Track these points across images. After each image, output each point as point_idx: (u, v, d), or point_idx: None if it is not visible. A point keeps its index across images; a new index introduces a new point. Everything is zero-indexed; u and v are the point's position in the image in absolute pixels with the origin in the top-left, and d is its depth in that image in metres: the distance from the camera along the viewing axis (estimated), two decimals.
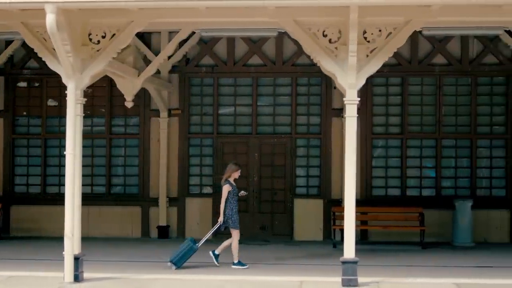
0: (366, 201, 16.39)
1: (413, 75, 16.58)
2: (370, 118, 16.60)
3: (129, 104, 14.32)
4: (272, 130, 16.85)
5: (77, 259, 10.62)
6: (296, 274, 11.58)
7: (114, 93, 16.53)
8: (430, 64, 16.52)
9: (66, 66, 10.45)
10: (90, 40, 10.75)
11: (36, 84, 17.41)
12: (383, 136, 16.68)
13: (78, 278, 10.60)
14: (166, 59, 16.49)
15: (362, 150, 16.48)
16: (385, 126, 16.70)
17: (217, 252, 12.48)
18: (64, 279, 10.52)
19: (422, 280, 11.03)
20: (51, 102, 17.26)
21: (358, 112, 16.10)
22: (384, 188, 16.67)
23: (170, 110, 16.87)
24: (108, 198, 17.10)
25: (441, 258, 13.86)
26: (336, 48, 10.44)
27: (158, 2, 9.90)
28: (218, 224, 12.49)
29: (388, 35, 10.42)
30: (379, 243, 15.99)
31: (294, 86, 16.77)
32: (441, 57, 16.52)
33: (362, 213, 16.22)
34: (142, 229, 16.95)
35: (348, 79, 10.34)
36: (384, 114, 16.69)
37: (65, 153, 10.58)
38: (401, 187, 16.58)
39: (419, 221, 15.53)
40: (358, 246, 15.38)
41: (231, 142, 16.86)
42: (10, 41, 16.44)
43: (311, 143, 16.75)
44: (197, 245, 12.32)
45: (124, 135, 17.23)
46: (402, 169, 16.57)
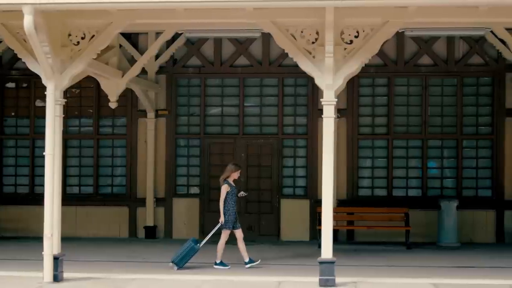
0: (353, 201, 16.47)
1: (399, 76, 16.63)
2: (356, 118, 16.64)
3: (113, 104, 14.39)
4: (259, 131, 16.90)
5: (56, 259, 10.65)
6: (276, 274, 11.62)
7: (102, 93, 16.42)
8: (416, 64, 16.57)
9: (45, 67, 10.50)
10: (70, 41, 10.81)
11: (24, 85, 17.47)
12: (370, 136, 16.72)
13: (57, 278, 10.65)
14: (153, 60, 16.62)
15: (348, 150, 16.56)
16: (371, 126, 16.74)
17: (246, 260, 12.46)
18: (43, 279, 10.58)
19: (400, 280, 11.06)
20: (39, 103, 17.27)
21: (344, 112, 16.54)
22: (370, 188, 16.72)
23: (157, 111, 16.92)
24: (95, 198, 17.17)
25: (424, 258, 13.90)
26: (313, 49, 10.49)
27: (135, 3, 9.95)
28: (219, 224, 12.51)
29: (365, 36, 10.47)
30: (365, 243, 16.04)
31: (280, 86, 16.82)
32: (427, 57, 16.57)
33: (349, 213, 16.32)
34: (130, 229, 17.01)
35: (325, 80, 10.39)
36: (370, 114, 16.73)
37: (44, 153, 10.63)
38: (387, 188, 16.62)
39: (404, 221, 15.57)
40: (344, 246, 15.68)
41: (218, 143, 16.91)
42: None
43: (298, 144, 16.79)
44: (198, 245, 12.36)
45: (111, 136, 17.29)
46: (389, 169, 16.61)
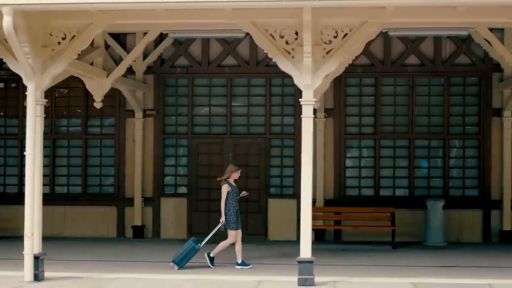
0: (340, 201, 16.50)
1: (386, 76, 16.65)
2: (344, 118, 16.68)
3: (98, 104, 14.44)
4: (246, 131, 16.94)
5: (37, 258, 10.71)
6: (258, 273, 11.68)
7: (90, 93, 16.28)
8: (403, 64, 16.59)
9: (26, 67, 10.56)
10: (51, 41, 10.86)
11: (13, 85, 17.50)
12: (357, 136, 16.76)
13: (38, 277, 10.71)
14: (141, 60, 16.68)
15: (335, 150, 16.61)
16: (358, 126, 16.77)
17: (239, 261, 12.50)
18: (24, 278, 10.63)
19: (379, 279, 11.09)
20: None
21: (332, 112, 16.58)
22: (357, 188, 16.75)
23: (145, 111, 16.96)
24: (84, 198, 17.21)
25: (409, 258, 13.94)
26: (293, 49, 10.53)
27: (113, 4, 9.99)
28: (220, 224, 12.56)
29: (344, 36, 10.51)
30: (353, 243, 16.07)
31: (268, 86, 16.86)
32: (414, 57, 16.59)
33: (336, 213, 16.36)
34: (118, 229, 17.05)
35: (303, 80, 10.43)
36: (357, 114, 16.76)
37: (25, 153, 10.68)
38: (374, 187, 16.66)
39: (390, 220, 15.61)
40: (332, 246, 15.76)
41: (206, 143, 16.96)
42: None
43: (285, 144, 16.81)
44: (199, 245, 12.39)
45: (99, 136, 17.34)
46: (376, 169, 16.64)
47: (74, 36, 10.85)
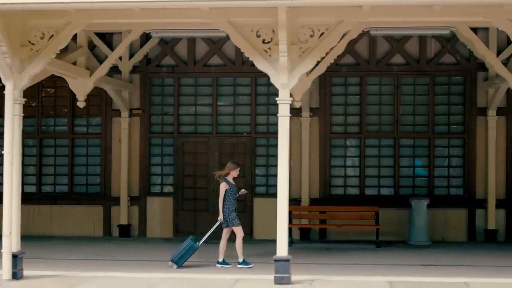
0: (325, 200, 16.53)
1: (371, 75, 16.68)
2: (329, 117, 16.70)
3: (81, 104, 14.48)
4: (232, 130, 16.98)
5: (15, 257, 10.76)
6: (236, 272, 11.73)
7: None
8: (388, 64, 16.62)
9: (3, 66, 10.62)
10: (29, 41, 10.91)
11: (0, 84, 17.50)
12: (342, 135, 16.78)
13: (16, 276, 10.76)
14: (127, 59, 16.71)
15: (321, 149, 16.64)
16: (343, 125, 16.80)
17: (220, 259, 12.51)
18: (2, 277, 10.68)
19: (356, 278, 11.12)
20: None
21: (317, 111, 16.61)
22: (343, 187, 16.78)
23: (131, 110, 17.00)
24: (70, 197, 17.25)
25: (392, 257, 13.95)
26: (269, 48, 10.59)
27: (89, 3, 10.01)
28: (218, 222, 12.58)
29: (320, 35, 10.55)
30: (337, 242, 16.11)
31: (253, 86, 16.89)
32: (399, 57, 16.61)
33: (321, 212, 16.40)
34: (104, 228, 17.09)
35: (280, 79, 10.49)
36: (342, 113, 16.78)
37: (3, 152, 10.73)
38: (359, 186, 16.69)
39: (375, 219, 15.64)
40: (317, 245, 15.78)
41: (192, 142, 16.99)
42: None
43: (270, 143, 16.82)
44: (197, 243, 12.44)
45: (86, 135, 17.38)
46: (361, 168, 16.67)
47: (52, 35, 10.90)
